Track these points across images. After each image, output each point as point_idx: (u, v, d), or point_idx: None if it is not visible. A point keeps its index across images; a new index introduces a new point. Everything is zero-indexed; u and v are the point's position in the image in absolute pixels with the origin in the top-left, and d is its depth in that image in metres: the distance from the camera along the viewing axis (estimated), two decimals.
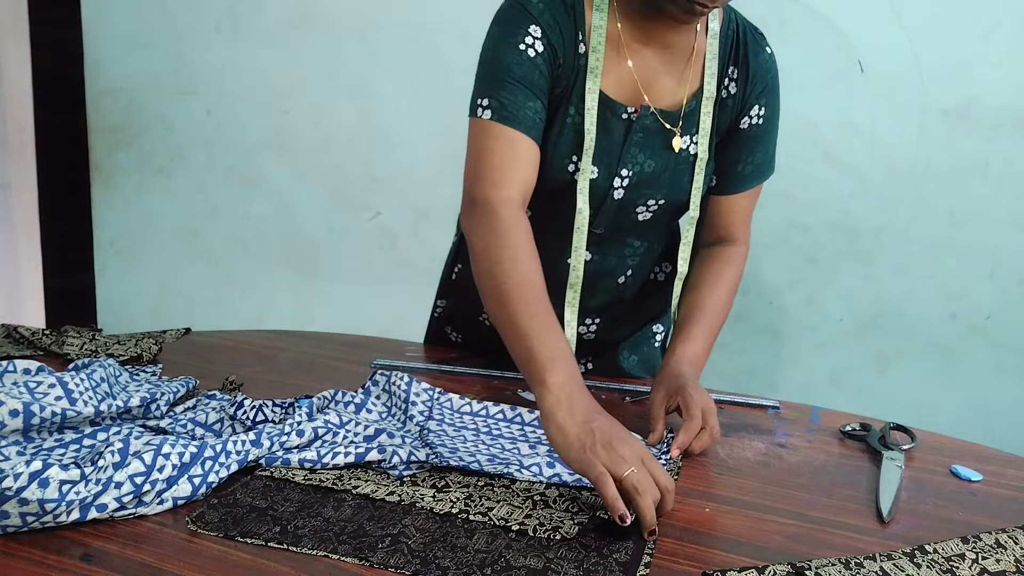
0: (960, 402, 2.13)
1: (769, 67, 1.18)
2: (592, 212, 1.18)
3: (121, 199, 2.86)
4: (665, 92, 1.15)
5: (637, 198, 1.19)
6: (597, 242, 1.24)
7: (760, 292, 2.22)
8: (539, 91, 1.09)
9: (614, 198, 1.18)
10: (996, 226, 2.03)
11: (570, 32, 1.10)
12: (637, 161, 1.16)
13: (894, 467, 1.00)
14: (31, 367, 1.03)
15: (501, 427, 1.09)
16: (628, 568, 0.78)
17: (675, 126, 1.15)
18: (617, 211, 1.20)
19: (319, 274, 2.67)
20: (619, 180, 1.16)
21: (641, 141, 1.15)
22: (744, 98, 1.17)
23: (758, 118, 1.18)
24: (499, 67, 1.08)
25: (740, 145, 1.20)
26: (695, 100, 1.15)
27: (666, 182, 1.18)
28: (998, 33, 1.94)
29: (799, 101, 2.09)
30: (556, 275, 1.17)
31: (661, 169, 1.17)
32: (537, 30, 1.08)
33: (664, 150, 1.16)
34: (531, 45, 1.08)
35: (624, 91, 1.13)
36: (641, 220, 1.22)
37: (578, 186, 1.14)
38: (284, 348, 1.39)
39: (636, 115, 1.13)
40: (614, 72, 1.12)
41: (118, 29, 2.73)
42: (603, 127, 1.13)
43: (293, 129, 2.60)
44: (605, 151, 1.14)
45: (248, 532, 0.82)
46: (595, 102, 1.11)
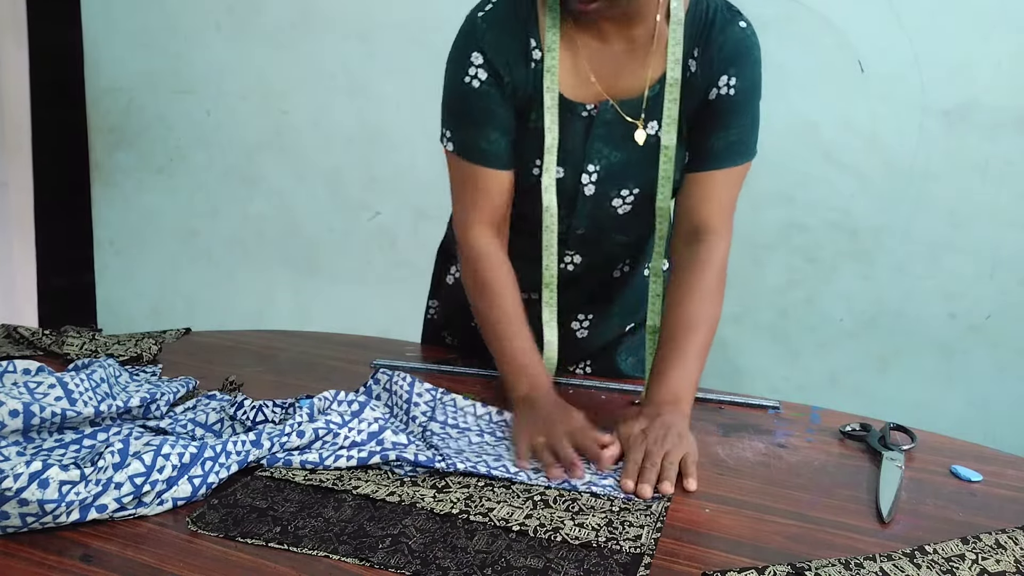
0: (960, 402, 2.13)
1: (740, 39, 1.13)
2: (567, 212, 1.19)
3: (121, 199, 2.86)
4: (626, 83, 1.14)
5: (610, 191, 1.18)
6: (582, 242, 1.23)
7: (760, 292, 2.22)
8: (490, 116, 1.13)
9: (585, 195, 1.18)
10: (996, 226, 2.03)
11: (518, 45, 1.11)
12: (603, 155, 1.15)
13: (894, 467, 1.00)
14: (31, 367, 1.03)
15: (506, 431, 1.09)
16: (628, 568, 0.78)
17: (637, 116, 1.14)
18: (593, 207, 1.19)
19: (319, 274, 2.67)
20: (587, 176, 1.16)
21: (604, 136, 1.15)
22: (710, 71, 1.12)
23: (728, 88, 1.12)
24: (452, 102, 1.15)
25: (712, 117, 1.13)
26: (658, 86, 1.13)
27: (635, 172, 1.16)
28: (998, 33, 1.94)
29: (799, 101, 2.09)
30: (540, 276, 1.21)
31: (628, 159, 1.16)
32: (479, 57, 1.11)
33: (629, 141, 1.15)
34: (474, 76, 1.11)
35: (582, 90, 1.13)
36: (622, 214, 1.20)
37: (543, 185, 1.15)
38: (284, 348, 1.39)
39: (596, 112, 1.14)
40: (571, 71, 1.13)
41: (118, 29, 2.73)
42: (564, 129, 1.14)
43: (293, 129, 2.60)
44: (568, 152, 1.15)
45: (248, 532, 0.82)
46: (554, 100, 1.12)
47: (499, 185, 1.15)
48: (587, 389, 1.26)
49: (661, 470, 0.94)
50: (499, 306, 1.15)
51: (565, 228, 1.21)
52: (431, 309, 1.48)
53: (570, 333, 1.34)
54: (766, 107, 2.20)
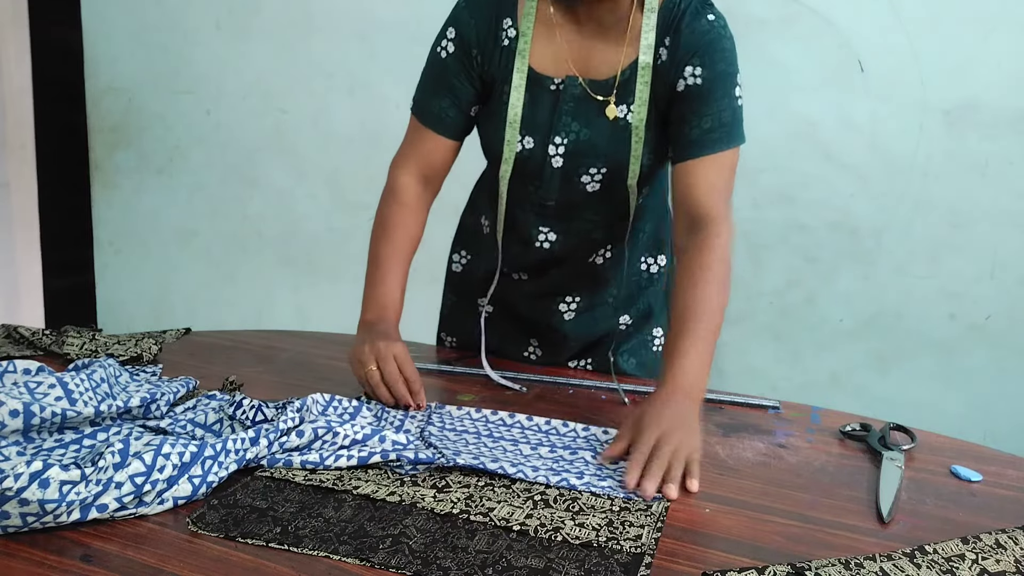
0: (960, 402, 2.13)
1: (706, 31, 1.16)
2: (536, 183, 1.26)
3: (121, 199, 2.86)
4: (600, 64, 1.21)
5: (578, 166, 1.23)
6: (554, 216, 1.28)
7: (760, 292, 2.22)
8: (448, 88, 1.25)
9: (553, 166, 1.24)
10: (996, 226, 2.03)
11: (490, 24, 1.22)
12: (571, 129, 1.22)
13: (894, 467, 1.00)
14: (31, 367, 1.03)
15: (502, 431, 1.09)
16: (629, 568, 0.78)
17: (608, 95, 1.20)
18: (562, 181, 1.25)
19: (319, 274, 2.67)
20: (554, 148, 1.23)
21: (572, 110, 1.21)
22: (674, 63, 1.17)
23: (694, 78, 1.16)
24: (425, 68, 1.28)
25: (684, 108, 1.18)
26: (630, 70, 1.19)
27: (604, 150, 1.22)
28: (998, 33, 1.94)
29: (799, 101, 2.09)
30: (527, 248, 1.31)
31: (597, 137, 1.21)
32: (452, 31, 1.24)
33: (598, 119, 1.21)
34: (445, 47, 1.24)
35: (556, 65, 1.21)
36: (590, 191, 1.25)
37: (503, 156, 1.24)
38: (284, 348, 1.39)
39: (563, 86, 1.21)
40: (548, 49, 1.21)
41: (118, 29, 2.73)
42: (534, 100, 1.22)
43: (293, 129, 2.60)
44: (538, 122, 1.22)
45: (249, 533, 0.82)
46: (522, 80, 1.21)
47: (438, 148, 1.28)
48: (587, 389, 1.26)
49: (668, 469, 0.93)
50: (387, 243, 1.27)
51: (536, 201, 1.28)
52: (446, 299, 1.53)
53: (557, 315, 1.37)
54: (767, 107, 2.21)
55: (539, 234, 1.30)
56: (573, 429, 1.09)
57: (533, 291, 1.37)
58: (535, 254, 1.32)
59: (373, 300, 1.25)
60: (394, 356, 1.14)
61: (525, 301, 1.38)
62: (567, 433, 1.08)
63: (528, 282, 1.36)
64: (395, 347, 1.15)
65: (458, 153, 1.31)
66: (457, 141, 1.29)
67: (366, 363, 1.15)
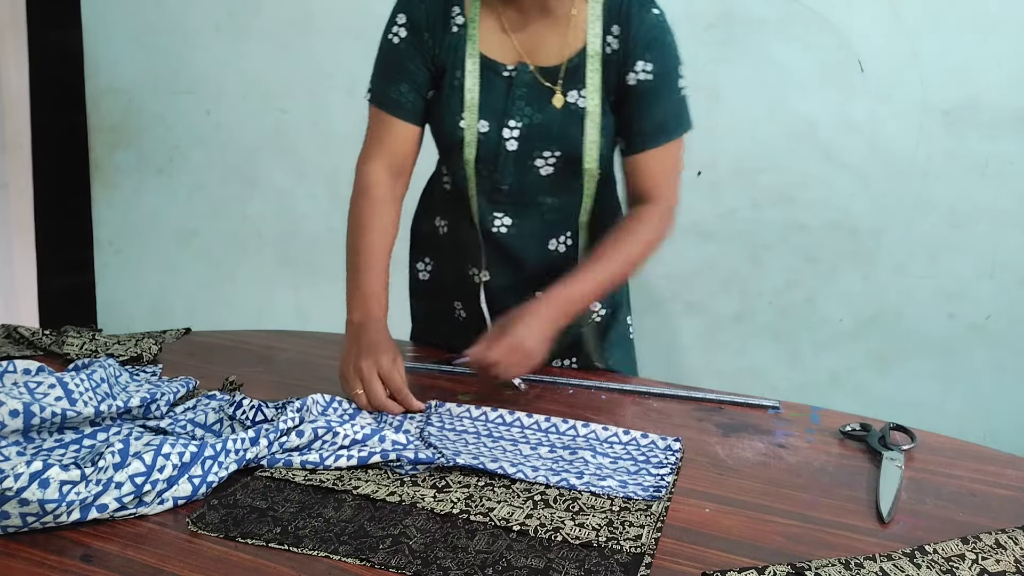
0: (960, 402, 2.13)
1: (653, 25, 1.21)
2: (491, 167, 1.27)
3: (121, 199, 2.86)
4: (546, 52, 1.24)
5: (532, 150, 1.25)
6: (511, 202, 1.30)
7: (760, 292, 2.22)
8: (404, 73, 1.26)
9: (507, 149, 1.25)
10: (996, 226, 2.03)
11: (440, 8, 1.24)
12: (525, 114, 1.24)
13: (894, 467, 1.00)
14: (31, 367, 1.03)
15: (501, 430, 1.09)
16: (629, 568, 0.78)
17: (555, 83, 1.23)
18: (516, 165, 1.26)
19: (319, 274, 2.67)
20: (508, 131, 1.25)
21: (525, 95, 1.24)
22: (626, 54, 1.21)
23: (645, 73, 1.21)
24: (378, 58, 1.30)
25: (633, 102, 1.23)
26: (578, 58, 1.23)
27: (557, 135, 1.24)
28: (998, 33, 1.94)
29: (799, 101, 2.09)
30: (484, 236, 1.32)
31: (550, 122, 1.24)
32: (403, 17, 1.26)
33: (548, 104, 1.24)
34: (396, 33, 1.26)
35: (504, 52, 1.25)
36: (544, 175, 1.27)
37: (465, 140, 1.25)
38: (284, 348, 1.39)
39: (515, 73, 1.24)
40: (497, 37, 1.25)
41: (118, 29, 2.73)
42: (488, 86, 1.25)
43: (293, 129, 2.60)
44: (492, 107, 1.25)
45: (249, 533, 0.82)
46: (475, 65, 1.24)
47: (403, 135, 1.28)
48: (587, 389, 1.26)
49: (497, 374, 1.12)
50: (363, 239, 1.25)
51: (490, 185, 1.28)
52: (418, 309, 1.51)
53: None
54: (767, 107, 2.21)
55: (494, 219, 1.31)
56: (573, 427, 1.09)
57: (497, 290, 1.36)
58: (492, 243, 1.32)
59: (357, 298, 1.23)
60: (378, 372, 1.12)
61: (494, 303, 1.35)
62: (566, 431, 1.08)
63: (491, 282, 1.35)
64: (381, 361, 1.13)
65: (422, 141, 1.31)
66: (419, 127, 1.30)
67: (352, 386, 1.13)
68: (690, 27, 2.11)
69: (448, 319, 1.43)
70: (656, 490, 0.92)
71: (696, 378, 2.08)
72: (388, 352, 1.15)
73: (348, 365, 1.15)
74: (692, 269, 2.24)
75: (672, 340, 2.29)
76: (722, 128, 2.14)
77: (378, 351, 1.14)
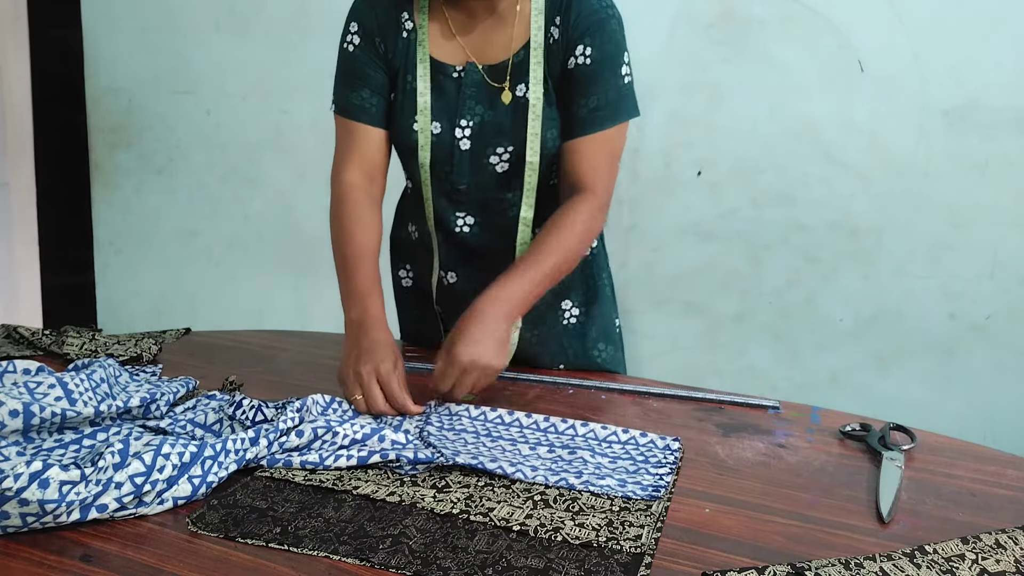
0: (960, 402, 2.13)
1: (595, 10, 1.21)
2: (447, 167, 1.28)
3: (121, 199, 2.86)
4: (494, 50, 1.25)
5: (485, 147, 1.26)
6: (471, 201, 1.30)
7: (760, 292, 2.22)
8: (364, 79, 1.27)
9: (461, 148, 1.27)
10: (996, 226, 2.03)
11: (390, 14, 1.26)
12: (476, 113, 1.26)
13: (894, 467, 1.00)
14: (31, 367, 1.03)
15: (500, 430, 1.09)
16: (629, 568, 0.78)
17: (503, 79, 1.25)
18: (472, 163, 1.27)
19: (319, 274, 2.66)
20: (460, 131, 1.26)
21: (475, 95, 1.26)
22: (567, 40, 1.22)
23: (584, 58, 1.21)
24: (337, 68, 1.31)
25: (573, 87, 1.23)
26: (523, 51, 1.24)
27: (509, 129, 1.25)
28: (998, 33, 1.94)
29: (799, 101, 2.09)
30: (449, 237, 1.32)
31: (501, 118, 1.25)
32: (355, 25, 1.28)
33: (498, 101, 1.25)
34: (351, 41, 1.28)
35: (454, 54, 1.27)
36: (500, 172, 1.27)
37: (419, 143, 1.27)
38: (284, 348, 1.39)
39: (464, 72, 1.26)
40: (444, 39, 1.27)
41: (118, 29, 2.73)
42: (438, 88, 1.27)
43: (293, 129, 2.60)
44: (444, 108, 1.26)
45: (248, 533, 0.82)
46: (426, 69, 1.26)
47: (371, 139, 1.29)
48: (587, 389, 1.26)
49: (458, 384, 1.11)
50: (350, 243, 1.25)
51: (448, 186, 1.29)
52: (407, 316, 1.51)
53: None
54: (767, 107, 2.21)
55: (457, 219, 1.31)
56: (572, 426, 1.09)
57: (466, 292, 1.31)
58: (458, 243, 1.32)
59: (353, 297, 1.22)
60: (377, 379, 1.11)
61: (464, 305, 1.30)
62: (565, 431, 1.08)
63: (459, 283, 1.35)
64: (380, 367, 1.11)
65: (391, 143, 1.31)
66: (386, 130, 1.30)
67: (351, 391, 1.12)
68: (690, 27, 2.12)
69: (434, 325, 1.43)
70: (655, 489, 0.92)
71: (696, 378, 2.08)
72: (388, 357, 1.13)
73: (348, 368, 1.14)
74: (692, 269, 2.24)
75: (672, 340, 2.29)
76: (722, 128, 2.14)
77: (377, 355, 1.12)
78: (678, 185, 2.19)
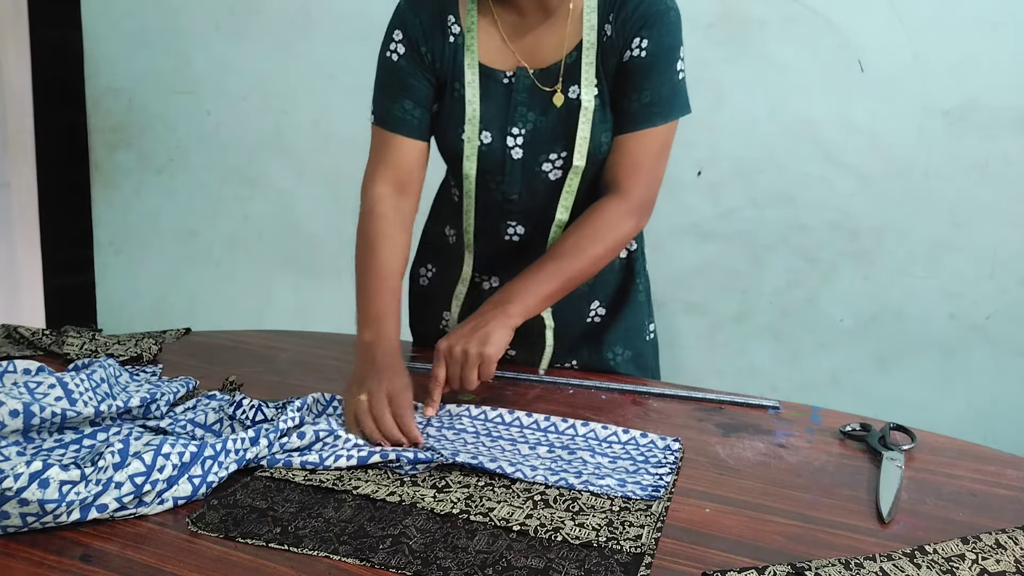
0: (960, 402, 2.13)
1: (652, 3, 1.16)
2: (498, 177, 1.24)
3: (121, 199, 2.86)
4: (546, 52, 1.20)
5: (538, 155, 1.22)
6: (520, 210, 1.27)
7: (760, 292, 2.22)
8: (406, 89, 1.22)
9: (513, 158, 1.23)
10: (996, 226, 2.03)
11: (435, 20, 1.21)
12: (528, 120, 1.22)
13: (894, 467, 1.00)
14: (31, 367, 1.03)
15: (500, 430, 1.09)
16: (629, 568, 0.78)
17: (555, 82, 1.20)
18: (524, 173, 1.24)
19: (319, 274, 2.67)
20: (512, 139, 1.22)
21: (526, 101, 1.21)
22: (623, 35, 1.17)
23: (640, 50, 1.16)
24: (378, 77, 1.26)
25: (627, 80, 1.18)
26: (575, 52, 1.19)
27: (561, 135, 1.21)
28: (998, 33, 1.94)
29: (799, 101, 2.09)
30: (496, 243, 1.30)
31: (555, 122, 1.21)
32: (399, 33, 1.22)
33: (550, 106, 1.21)
34: (394, 50, 1.23)
35: (504, 59, 1.22)
36: (553, 180, 1.24)
37: (464, 153, 1.22)
38: (284, 348, 1.39)
39: (514, 78, 1.21)
40: (493, 43, 1.21)
41: (118, 29, 2.73)
42: (488, 95, 1.22)
43: (293, 129, 2.60)
44: (494, 116, 1.22)
45: (248, 533, 0.82)
46: (475, 76, 1.21)
47: (408, 152, 1.24)
48: (587, 389, 1.26)
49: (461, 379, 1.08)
50: (373, 258, 1.21)
51: (500, 197, 1.26)
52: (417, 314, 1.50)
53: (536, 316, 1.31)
54: (767, 107, 2.21)
55: (508, 228, 1.29)
56: (572, 426, 1.09)
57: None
58: (505, 247, 1.30)
59: (368, 316, 1.17)
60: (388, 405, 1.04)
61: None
62: (565, 431, 1.08)
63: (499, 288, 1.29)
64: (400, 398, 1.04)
65: (428, 157, 1.28)
66: (425, 142, 1.26)
67: (362, 422, 1.03)
68: (690, 27, 2.10)
69: (434, 327, 1.42)
70: (655, 489, 0.92)
71: (696, 378, 2.08)
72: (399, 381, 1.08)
73: (355, 396, 1.07)
74: (692, 269, 2.24)
75: (672, 340, 2.29)
76: (722, 128, 2.14)
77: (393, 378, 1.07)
78: (678, 185, 2.19)
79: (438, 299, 1.41)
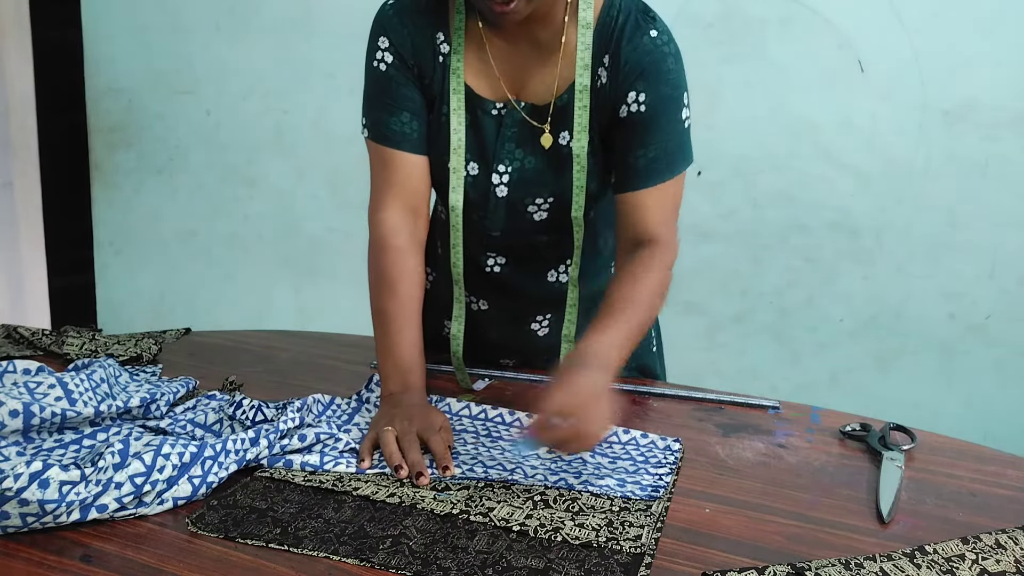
0: (960, 402, 2.13)
1: (649, 51, 1.07)
2: (481, 212, 1.18)
3: (121, 199, 2.86)
4: (537, 87, 1.12)
5: (524, 196, 1.16)
6: (501, 245, 1.22)
7: (760, 292, 2.22)
8: (400, 100, 1.13)
9: (498, 195, 1.16)
10: (996, 226, 2.03)
11: (425, 33, 1.12)
12: (516, 157, 1.14)
13: (894, 467, 1.00)
14: (31, 367, 1.03)
15: (500, 430, 1.09)
16: (629, 568, 0.78)
17: (544, 121, 1.12)
18: (508, 211, 1.17)
19: (319, 274, 2.67)
20: (497, 176, 1.15)
21: (516, 137, 1.14)
22: (616, 86, 1.08)
23: (638, 104, 1.08)
24: (366, 88, 1.16)
25: (627, 136, 1.10)
26: (567, 93, 1.11)
27: (551, 179, 1.14)
28: (998, 33, 1.94)
29: (799, 101, 2.09)
30: (479, 273, 1.24)
31: (544, 166, 1.14)
32: (385, 41, 1.13)
33: (541, 146, 1.13)
34: (381, 59, 1.13)
35: (491, 86, 1.13)
36: (538, 220, 1.18)
37: (451, 184, 1.15)
38: (284, 348, 1.39)
39: (504, 111, 1.13)
40: (479, 67, 1.13)
41: (118, 29, 2.73)
42: (475, 124, 1.14)
43: (293, 129, 2.60)
44: (480, 147, 1.15)
45: (248, 533, 0.82)
46: (460, 102, 1.12)
47: (412, 168, 1.15)
48: None
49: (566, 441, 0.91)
50: (392, 298, 1.13)
51: (481, 231, 1.20)
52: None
53: (531, 334, 1.30)
54: (767, 107, 2.21)
55: (488, 259, 1.24)
56: None
57: (498, 317, 1.29)
58: (488, 280, 1.25)
59: (393, 367, 1.10)
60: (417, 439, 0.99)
61: (494, 328, 1.29)
62: None
63: (491, 310, 1.28)
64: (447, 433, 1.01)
65: None
66: (426, 157, 1.16)
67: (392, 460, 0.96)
68: (690, 27, 2.11)
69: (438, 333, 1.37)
70: (654, 489, 0.92)
71: (696, 378, 2.08)
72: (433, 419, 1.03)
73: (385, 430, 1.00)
74: (692, 269, 2.24)
75: (672, 340, 2.29)
76: (722, 128, 2.14)
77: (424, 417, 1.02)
78: None
79: (439, 305, 1.39)
